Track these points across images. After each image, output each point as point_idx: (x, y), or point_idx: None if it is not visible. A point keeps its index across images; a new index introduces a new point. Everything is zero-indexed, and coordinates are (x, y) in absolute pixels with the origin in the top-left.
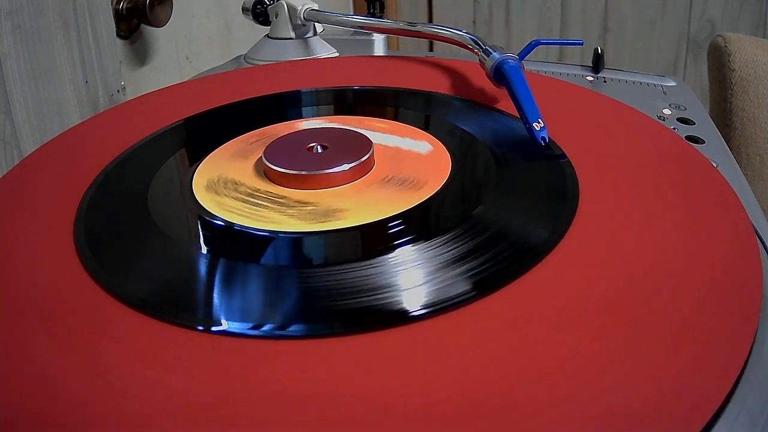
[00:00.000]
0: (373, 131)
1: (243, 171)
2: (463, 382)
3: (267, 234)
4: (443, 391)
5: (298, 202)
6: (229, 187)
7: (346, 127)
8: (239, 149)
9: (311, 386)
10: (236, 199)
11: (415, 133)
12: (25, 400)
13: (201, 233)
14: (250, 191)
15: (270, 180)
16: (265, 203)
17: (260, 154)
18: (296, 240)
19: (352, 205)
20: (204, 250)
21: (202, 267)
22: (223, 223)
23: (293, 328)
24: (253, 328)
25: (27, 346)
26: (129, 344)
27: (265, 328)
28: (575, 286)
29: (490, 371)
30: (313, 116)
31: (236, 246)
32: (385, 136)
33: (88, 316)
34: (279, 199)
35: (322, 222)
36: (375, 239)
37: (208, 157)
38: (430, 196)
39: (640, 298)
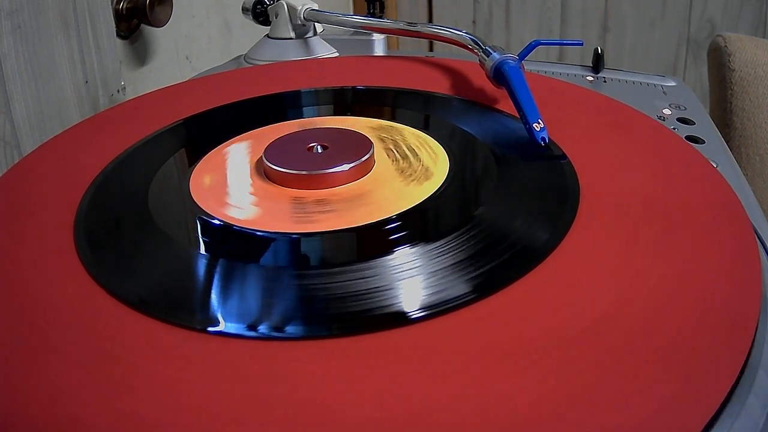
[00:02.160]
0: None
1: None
2: (463, 384)
3: (266, 235)
4: (443, 392)
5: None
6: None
7: (346, 127)
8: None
9: (310, 387)
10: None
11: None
12: (24, 399)
13: (200, 233)
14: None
15: (270, 180)
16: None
17: (260, 153)
18: (294, 241)
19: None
20: (203, 250)
21: (202, 267)
22: (221, 224)
23: (290, 330)
24: (250, 328)
25: (26, 346)
26: (128, 344)
27: (263, 329)
28: (575, 287)
29: (489, 372)
30: (312, 116)
31: (235, 246)
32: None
33: (88, 316)
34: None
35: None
36: (373, 241)
37: (207, 156)
38: (430, 197)
39: (640, 299)
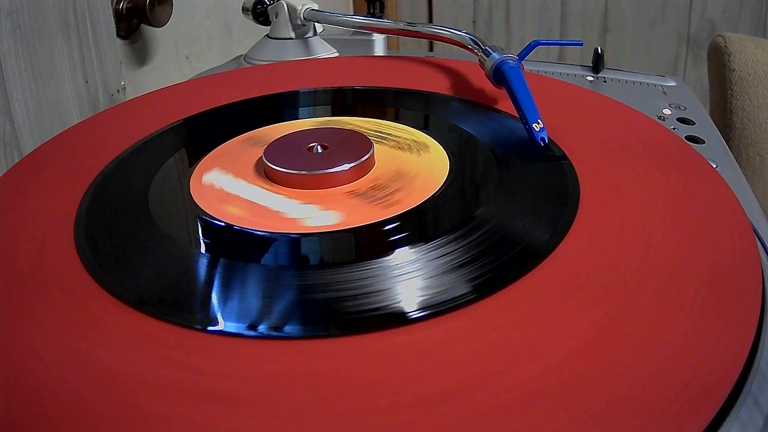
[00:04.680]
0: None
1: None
2: (463, 384)
3: (266, 234)
4: (442, 392)
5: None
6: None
7: (346, 128)
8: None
9: (309, 387)
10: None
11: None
12: (24, 399)
13: (200, 233)
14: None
15: (270, 180)
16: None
17: (260, 153)
18: (294, 241)
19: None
20: (203, 250)
21: (202, 267)
22: (221, 224)
23: (289, 329)
24: (250, 328)
25: (27, 346)
26: (128, 343)
27: (262, 328)
28: (576, 288)
29: (489, 373)
30: (312, 116)
31: (235, 246)
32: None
33: (88, 316)
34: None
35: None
36: (373, 241)
37: (207, 156)
38: (430, 197)
39: (640, 299)
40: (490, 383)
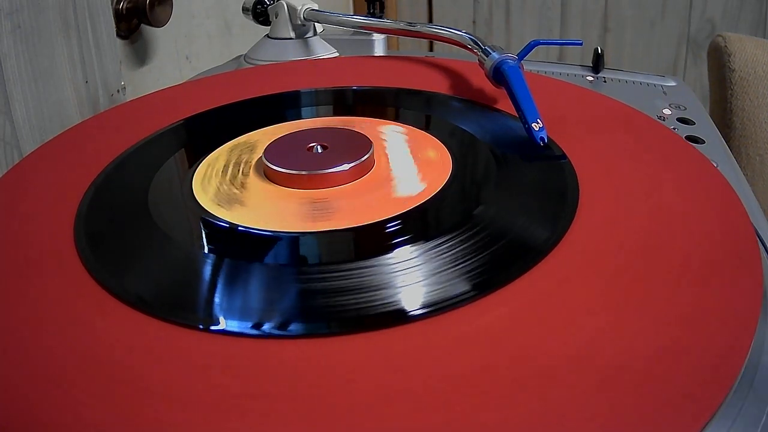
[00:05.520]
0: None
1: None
2: (462, 384)
3: (267, 234)
4: (442, 392)
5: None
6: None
7: (346, 127)
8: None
9: (308, 386)
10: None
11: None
12: (24, 399)
13: (201, 233)
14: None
15: (270, 180)
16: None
17: (260, 153)
18: (295, 240)
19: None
20: (203, 249)
21: (202, 267)
22: (221, 224)
23: (291, 328)
24: (251, 327)
25: (26, 346)
26: (128, 343)
27: (264, 327)
28: (575, 287)
29: (489, 372)
30: (312, 116)
31: (235, 246)
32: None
33: (88, 316)
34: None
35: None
36: (373, 240)
37: (207, 157)
38: (431, 197)
39: (640, 299)
40: (489, 383)
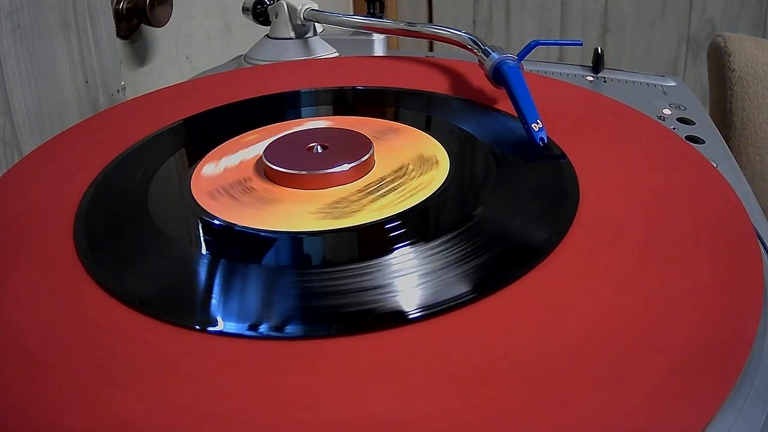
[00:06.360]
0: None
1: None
2: (462, 384)
3: (267, 235)
4: (442, 391)
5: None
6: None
7: (346, 127)
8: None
9: (308, 387)
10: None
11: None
12: (24, 400)
13: (200, 233)
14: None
15: (270, 179)
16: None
17: (260, 153)
18: (296, 240)
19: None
20: (203, 250)
21: (201, 267)
22: (221, 224)
23: (290, 330)
24: (249, 328)
25: (26, 346)
26: (128, 343)
27: (262, 328)
28: (575, 288)
29: (489, 372)
30: (312, 116)
31: (234, 246)
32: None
33: (88, 316)
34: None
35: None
36: (373, 240)
37: (207, 156)
38: (430, 197)
39: (639, 298)
40: (490, 384)
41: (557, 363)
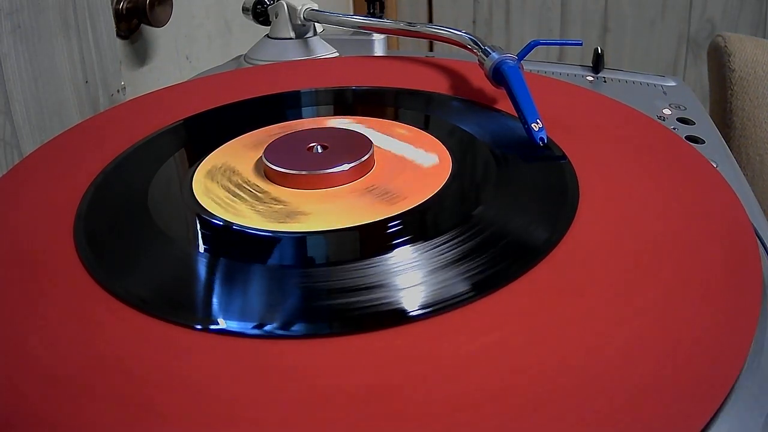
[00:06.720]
0: (372, 131)
1: (242, 170)
2: (462, 383)
3: (268, 234)
4: (442, 391)
5: (273, 199)
6: (226, 175)
7: (346, 127)
8: (239, 149)
9: (308, 386)
10: (224, 188)
11: (414, 133)
12: (23, 399)
13: (200, 233)
14: (240, 182)
15: (270, 179)
16: (244, 195)
17: (260, 153)
18: (294, 240)
19: (330, 208)
20: (203, 249)
21: (202, 267)
22: (221, 223)
23: (291, 328)
24: (251, 327)
25: (26, 346)
26: (128, 343)
27: (263, 327)
28: (575, 287)
29: (488, 372)
30: (312, 116)
31: (236, 246)
32: (384, 136)
33: (88, 316)
34: (258, 194)
35: (283, 222)
36: (373, 239)
37: (207, 157)
38: (430, 197)
39: (639, 298)
40: (490, 383)
41: (557, 362)
